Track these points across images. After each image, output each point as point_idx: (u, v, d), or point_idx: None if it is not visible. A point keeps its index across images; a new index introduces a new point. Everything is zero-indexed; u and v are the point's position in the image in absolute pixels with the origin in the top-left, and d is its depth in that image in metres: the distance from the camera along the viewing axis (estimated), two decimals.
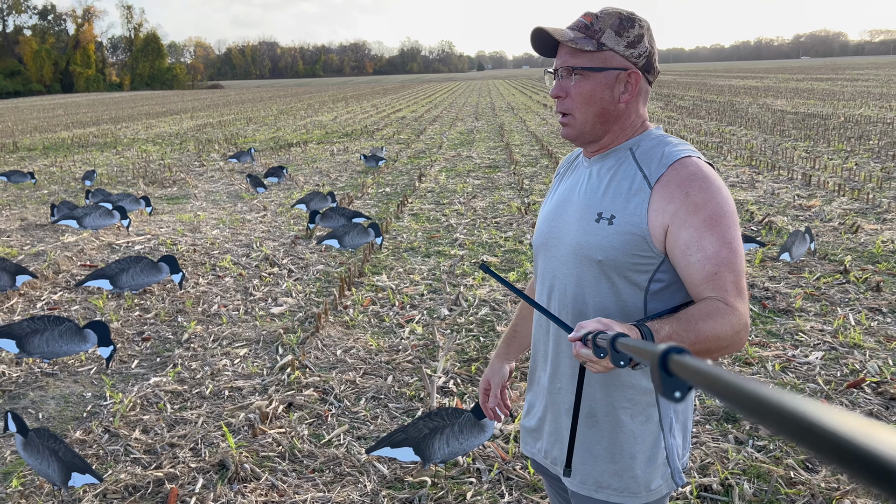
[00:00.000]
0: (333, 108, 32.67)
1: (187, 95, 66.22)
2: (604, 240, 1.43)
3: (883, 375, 3.85)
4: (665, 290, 1.44)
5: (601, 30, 1.42)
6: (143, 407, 3.77)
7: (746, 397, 0.44)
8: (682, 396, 0.67)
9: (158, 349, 4.58)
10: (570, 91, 1.46)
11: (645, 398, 1.48)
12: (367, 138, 17.69)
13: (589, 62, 1.43)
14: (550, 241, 1.57)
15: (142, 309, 5.27)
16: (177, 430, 3.51)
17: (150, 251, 6.99)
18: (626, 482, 1.50)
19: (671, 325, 1.28)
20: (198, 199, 9.97)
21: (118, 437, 3.46)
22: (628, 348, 0.91)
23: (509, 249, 6.65)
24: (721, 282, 1.34)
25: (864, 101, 23.60)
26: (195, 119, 27.61)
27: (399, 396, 3.86)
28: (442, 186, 10.28)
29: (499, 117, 22.75)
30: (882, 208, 7.75)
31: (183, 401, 3.85)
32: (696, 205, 1.35)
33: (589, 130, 1.48)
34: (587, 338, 1.15)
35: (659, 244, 1.40)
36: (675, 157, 1.41)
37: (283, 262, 6.46)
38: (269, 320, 5.04)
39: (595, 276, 1.46)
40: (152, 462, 3.23)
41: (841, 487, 2.89)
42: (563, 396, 1.57)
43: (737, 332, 1.32)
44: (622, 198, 1.43)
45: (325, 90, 64.66)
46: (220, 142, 17.87)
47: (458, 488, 3.01)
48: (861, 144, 12.84)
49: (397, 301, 5.32)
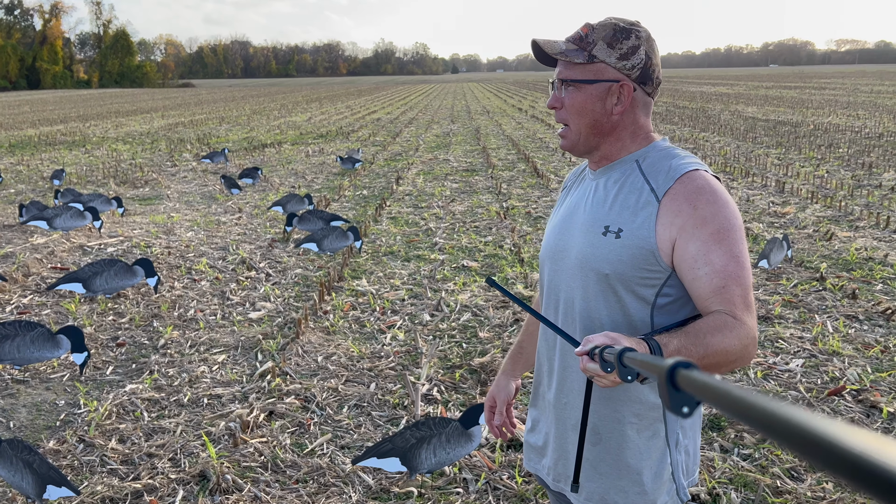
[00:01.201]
0: (307, 108, 32.43)
1: (158, 94, 65.30)
2: (611, 253, 1.42)
3: (863, 383, 3.89)
4: (672, 304, 1.43)
5: (593, 42, 1.43)
6: (118, 415, 3.67)
7: (755, 412, 0.44)
8: (690, 411, 0.67)
9: (134, 355, 4.47)
10: (564, 102, 1.47)
11: (652, 413, 1.47)
12: (342, 140, 17.58)
13: (580, 74, 1.44)
14: (556, 254, 1.56)
15: (116, 313, 5.14)
16: (155, 440, 3.42)
17: (124, 254, 6.84)
18: (632, 498, 1.49)
19: (679, 339, 1.27)
20: (171, 200, 9.80)
21: (93, 446, 3.36)
22: (636, 363, 0.90)
23: (489, 254, 6.63)
24: (729, 295, 1.33)
25: (832, 109, 24.07)
26: (166, 118, 27.21)
27: (382, 404, 3.80)
28: (420, 190, 10.24)
29: (474, 120, 22.76)
30: (854, 216, 7.88)
31: (160, 409, 3.76)
32: (703, 218, 1.35)
33: (582, 142, 1.49)
34: (594, 352, 1.14)
35: (666, 258, 1.39)
36: (682, 171, 1.40)
37: (261, 265, 6.36)
38: (248, 325, 4.95)
39: (602, 290, 1.45)
40: (130, 473, 3.14)
41: (827, 497, 2.90)
42: (568, 412, 1.55)
43: (745, 345, 1.31)
44: (629, 211, 1.42)
45: (298, 90, 64.21)
46: (192, 141, 17.62)
47: (445, 499, 2.97)
48: (831, 152, 13.08)
49: (378, 306, 5.26)
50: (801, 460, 3.19)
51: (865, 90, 37.96)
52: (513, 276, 5.91)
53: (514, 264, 6.26)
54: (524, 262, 6.29)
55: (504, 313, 5.03)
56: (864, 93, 35.09)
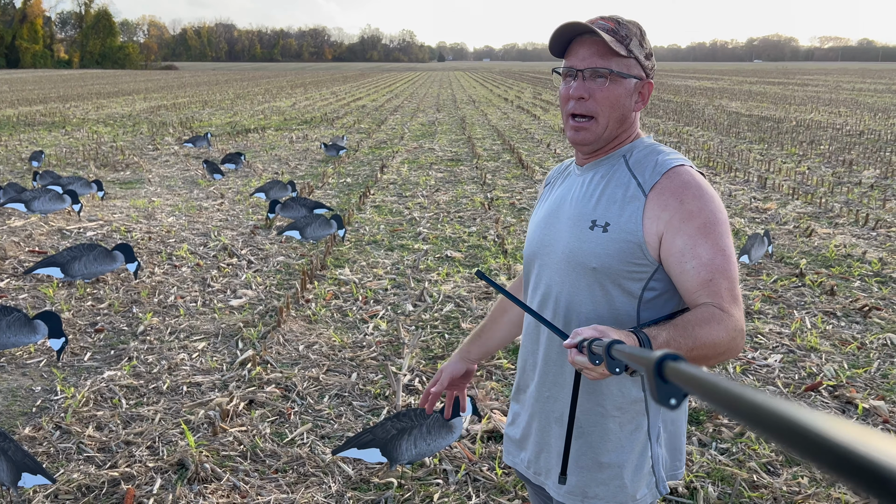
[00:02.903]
0: (292, 94, 32.16)
1: (140, 76, 64.46)
2: (598, 247, 1.43)
3: (839, 379, 3.94)
4: (658, 298, 1.45)
5: (628, 37, 1.43)
6: (96, 402, 3.63)
7: (743, 405, 0.44)
8: (677, 403, 0.67)
9: (112, 341, 4.42)
10: (595, 93, 1.44)
11: (634, 407, 1.48)
12: (326, 126, 17.46)
13: (619, 67, 1.43)
14: (542, 249, 1.57)
15: (94, 299, 5.08)
16: (133, 428, 3.38)
17: (104, 238, 6.76)
18: (613, 491, 1.50)
19: (668, 331, 1.28)
20: (152, 185, 9.69)
21: (70, 434, 3.32)
22: (624, 355, 0.90)
23: (473, 245, 6.62)
24: (716, 288, 1.34)
25: (815, 106, 24.27)
26: (148, 101, 26.87)
27: (364, 394, 3.79)
28: (404, 178, 10.20)
29: (460, 110, 22.70)
30: (834, 213, 7.96)
31: (139, 396, 3.72)
32: (690, 212, 1.37)
33: (606, 136, 1.48)
34: (583, 345, 1.15)
35: (653, 252, 1.41)
36: (668, 166, 1.42)
37: (242, 252, 6.31)
38: (229, 313, 4.91)
39: (589, 285, 1.46)
40: (107, 461, 3.11)
41: (802, 491, 2.94)
42: (551, 405, 1.56)
43: (733, 338, 1.32)
44: (617, 205, 1.43)
45: (283, 75, 63.64)
46: (174, 125, 17.42)
47: (424, 490, 2.97)
48: (812, 149, 13.19)
49: (360, 296, 5.24)
50: (784, 453, 3.23)
51: (847, 87, 38.30)
52: (496, 267, 5.91)
53: (498, 255, 6.26)
54: (507, 253, 6.29)
55: (487, 304, 5.03)
56: (846, 90, 35.41)
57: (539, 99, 28.20)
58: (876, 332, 4.61)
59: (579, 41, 1.45)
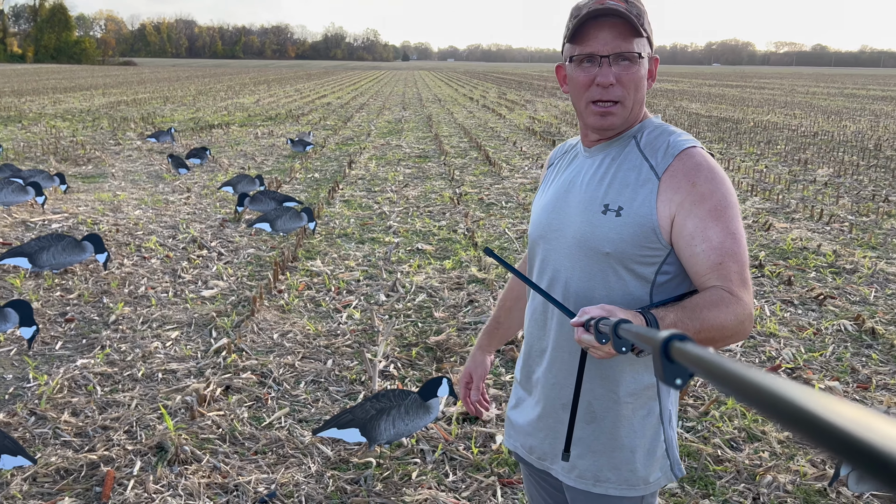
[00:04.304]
0: (255, 90, 31.85)
1: (97, 71, 63.09)
2: (612, 231, 1.41)
3: (797, 362, 4.11)
4: (671, 281, 1.43)
5: (640, 15, 1.39)
6: (70, 389, 3.62)
7: (747, 385, 0.44)
8: (683, 383, 0.67)
9: (84, 330, 4.39)
10: (621, 78, 1.39)
11: (647, 392, 1.47)
12: (292, 123, 17.36)
13: (637, 48, 1.39)
14: (550, 232, 1.53)
15: (63, 289, 5.03)
16: (109, 413, 3.38)
17: (69, 230, 6.67)
18: (624, 475, 1.48)
19: (676, 312, 1.28)
20: (116, 179, 9.56)
21: (46, 419, 3.31)
22: (630, 334, 0.90)
23: (443, 238, 6.70)
24: (726, 271, 1.33)
25: (771, 108, 24.92)
26: (107, 96, 26.36)
27: (340, 380, 3.84)
28: (372, 174, 10.23)
29: (426, 108, 22.76)
30: (790, 208, 8.24)
31: (114, 383, 3.72)
32: (701, 195, 1.35)
33: (629, 119, 1.45)
34: (590, 323, 1.14)
35: (666, 235, 1.39)
36: (681, 147, 1.40)
37: (212, 244, 6.29)
38: (201, 303, 4.91)
39: (601, 269, 1.43)
40: (84, 445, 3.11)
41: (763, 464, 3.08)
42: (558, 391, 1.53)
43: (741, 321, 1.31)
44: (629, 189, 1.41)
45: (245, 72, 62.91)
46: (136, 120, 17.15)
47: (403, 468, 3.04)
48: (769, 149, 13.58)
49: (333, 286, 5.28)
50: (747, 431, 3.37)
51: (802, 91, 39.38)
52: (467, 259, 6.00)
53: (469, 248, 6.35)
54: (478, 245, 6.38)
55: (459, 294, 5.12)
56: (801, 93, 36.41)
57: (504, 98, 28.42)
58: (830, 318, 4.82)
59: (596, 24, 1.38)
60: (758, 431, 3.36)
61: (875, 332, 4.52)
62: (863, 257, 6.22)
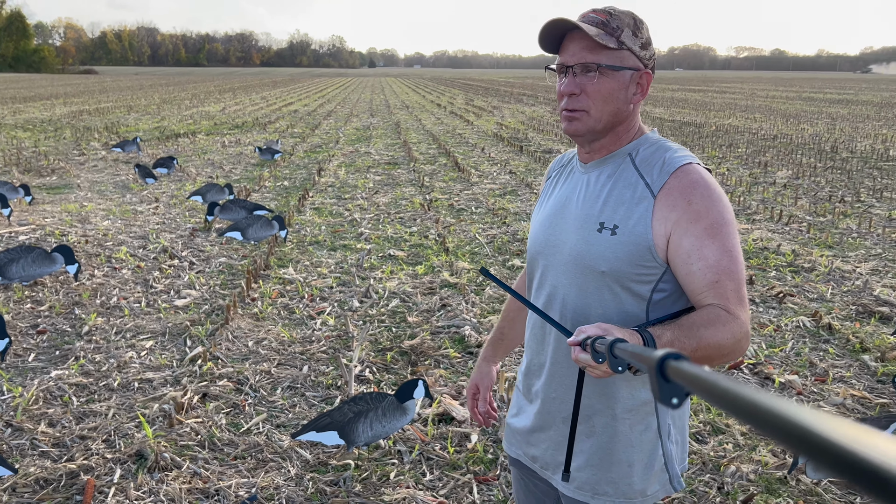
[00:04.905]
0: (221, 98, 31.61)
1: (57, 80, 61.98)
2: (607, 250, 1.41)
3: (758, 358, 4.27)
4: (667, 299, 1.43)
5: (619, 28, 1.39)
6: (46, 400, 3.62)
7: (744, 404, 0.44)
8: (679, 403, 0.67)
9: (56, 342, 4.38)
10: (586, 88, 1.40)
11: (644, 408, 1.47)
12: (259, 131, 17.30)
13: (610, 60, 1.39)
14: (547, 249, 1.54)
15: (34, 301, 4.99)
16: (86, 423, 3.40)
17: (38, 242, 6.60)
18: (622, 489, 1.50)
19: (673, 331, 1.28)
20: (82, 189, 9.46)
21: (22, 431, 3.31)
22: (626, 353, 0.90)
23: (415, 244, 6.78)
24: (722, 290, 1.33)
25: (732, 112, 25.49)
26: (69, 105, 25.95)
27: (316, 385, 3.90)
28: (342, 181, 10.27)
29: (394, 115, 22.83)
30: (751, 210, 8.48)
31: (89, 393, 3.72)
32: (697, 213, 1.35)
33: (600, 129, 1.44)
34: (586, 343, 1.15)
35: (662, 254, 1.38)
36: (676, 165, 1.40)
37: (183, 254, 6.29)
38: (174, 313, 4.92)
39: (597, 287, 1.43)
40: (63, 455, 3.12)
41: (727, 455, 3.22)
42: (557, 405, 1.55)
43: (738, 340, 1.31)
44: (625, 207, 1.41)
45: (210, 80, 62.31)
46: (99, 130, 16.94)
47: (381, 469, 3.11)
48: (731, 152, 13.92)
49: (306, 293, 5.33)
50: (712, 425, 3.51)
51: (762, 95, 40.31)
52: (438, 264, 6.09)
53: (440, 253, 6.44)
54: (449, 251, 6.48)
55: (431, 299, 5.20)
56: (761, 97, 37.27)
57: (471, 105, 28.61)
58: (790, 315, 5.00)
59: (570, 36, 1.42)
60: (722, 425, 3.50)
61: (832, 328, 4.71)
62: (820, 256, 6.45)
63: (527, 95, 36.97)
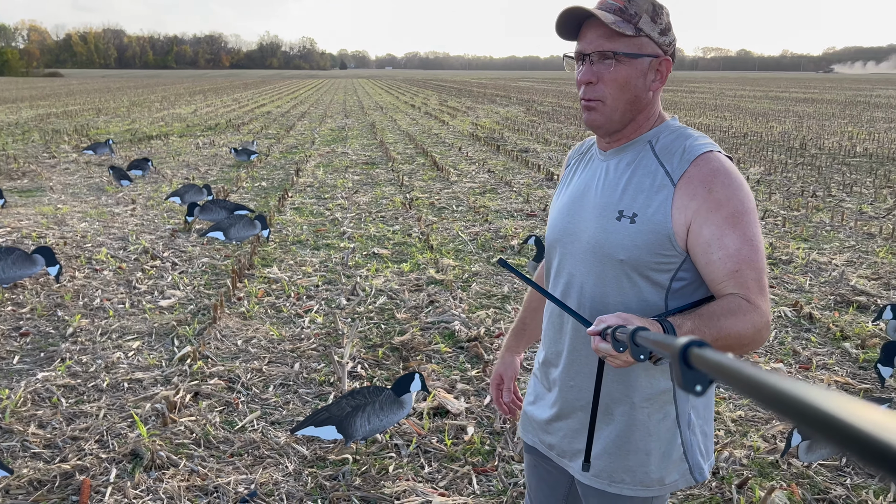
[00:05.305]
0: (192, 100, 31.25)
1: (22, 83, 60.81)
2: (626, 238, 1.39)
3: None
4: (686, 288, 1.42)
5: (637, 14, 1.37)
6: (34, 402, 3.56)
7: (769, 391, 0.44)
8: (703, 390, 0.66)
9: (41, 344, 4.30)
10: (603, 76, 1.40)
11: (662, 397, 1.46)
12: (232, 132, 17.15)
13: (626, 47, 1.38)
14: (566, 237, 1.53)
15: (14, 304, 4.90)
16: (77, 424, 3.35)
17: (15, 244, 6.48)
18: (639, 476, 1.49)
19: (693, 320, 1.27)
20: (55, 192, 9.30)
21: (12, 433, 3.25)
22: (648, 342, 0.90)
23: (399, 242, 6.78)
24: (742, 279, 1.32)
25: (702, 111, 25.86)
26: (35, 108, 25.46)
27: (309, 382, 3.89)
28: (321, 181, 10.23)
29: (368, 116, 22.78)
30: None
31: (78, 394, 3.67)
32: (718, 202, 1.33)
33: (618, 118, 1.43)
34: (607, 332, 1.14)
35: (682, 242, 1.37)
36: (697, 153, 1.38)
37: (165, 254, 6.22)
38: (159, 313, 4.86)
39: (616, 276, 1.42)
40: (55, 456, 3.08)
41: (720, 441, 3.28)
42: (576, 394, 1.54)
43: (758, 329, 1.30)
44: (644, 195, 1.39)
45: (179, 82, 61.57)
46: (69, 133, 16.65)
47: (379, 463, 3.11)
48: None
49: (293, 292, 5.30)
50: None
51: (730, 94, 40.95)
52: (423, 261, 6.10)
53: (425, 251, 6.45)
54: (433, 248, 6.49)
55: (419, 295, 5.21)
56: (729, 97, 37.86)
57: (446, 105, 28.66)
58: (771, 306, 5.10)
59: (587, 24, 1.41)
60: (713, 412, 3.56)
61: (812, 317, 4.82)
62: (797, 249, 6.58)
63: (500, 96, 37.13)
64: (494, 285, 5.49)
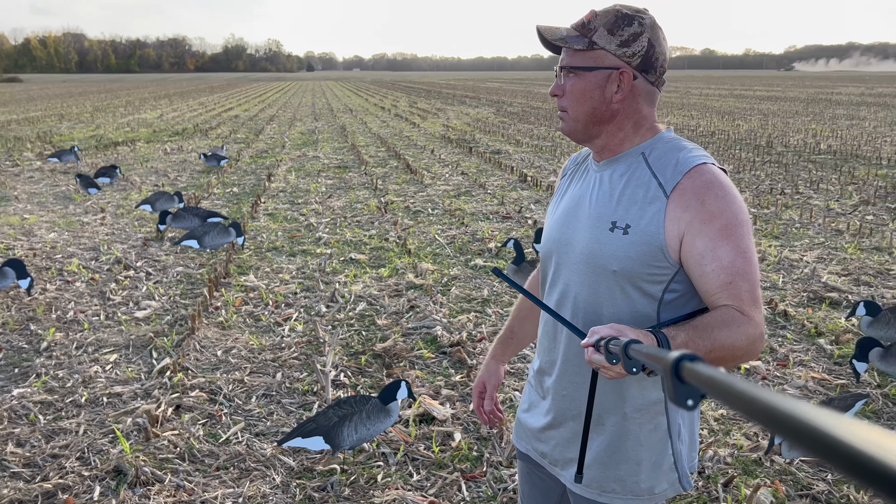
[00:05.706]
0: (157, 105, 30.81)
1: None
2: (619, 250, 1.41)
3: None
4: (679, 299, 1.43)
5: (594, 28, 1.41)
6: (11, 420, 3.47)
7: (760, 407, 0.44)
8: (694, 404, 0.66)
9: (14, 359, 4.21)
10: (566, 89, 1.46)
11: (654, 408, 1.48)
12: (201, 137, 16.94)
13: (580, 61, 1.42)
14: (560, 247, 1.55)
15: None
16: (57, 441, 3.28)
17: None
18: (629, 486, 1.51)
19: (687, 332, 1.27)
20: (20, 202, 9.09)
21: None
22: (641, 355, 0.90)
23: (375, 247, 6.76)
24: (736, 291, 1.32)
25: (669, 110, 26.20)
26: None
27: (292, 392, 3.85)
28: (294, 186, 10.15)
29: (338, 119, 22.67)
30: None
31: (56, 410, 3.59)
32: (711, 213, 1.34)
33: (581, 129, 1.47)
34: (600, 344, 1.14)
35: (674, 254, 1.38)
36: (690, 164, 1.38)
37: (138, 264, 6.11)
38: (136, 324, 4.78)
39: (609, 286, 1.44)
40: (36, 475, 3.01)
41: (704, 441, 3.32)
42: (568, 403, 1.55)
43: (752, 341, 1.31)
44: (637, 206, 1.40)
45: (143, 87, 60.64)
46: (31, 140, 16.31)
47: (368, 472, 3.10)
48: None
49: (271, 300, 5.25)
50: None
51: (696, 93, 41.54)
52: (402, 266, 6.08)
53: (402, 255, 6.44)
54: (411, 252, 6.48)
55: (399, 301, 5.20)
56: (695, 96, 38.41)
57: (416, 107, 28.63)
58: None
59: None
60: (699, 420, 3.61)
61: (787, 314, 4.91)
62: (768, 247, 6.70)
63: (469, 97, 37.21)
64: (474, 289, 5.50)
